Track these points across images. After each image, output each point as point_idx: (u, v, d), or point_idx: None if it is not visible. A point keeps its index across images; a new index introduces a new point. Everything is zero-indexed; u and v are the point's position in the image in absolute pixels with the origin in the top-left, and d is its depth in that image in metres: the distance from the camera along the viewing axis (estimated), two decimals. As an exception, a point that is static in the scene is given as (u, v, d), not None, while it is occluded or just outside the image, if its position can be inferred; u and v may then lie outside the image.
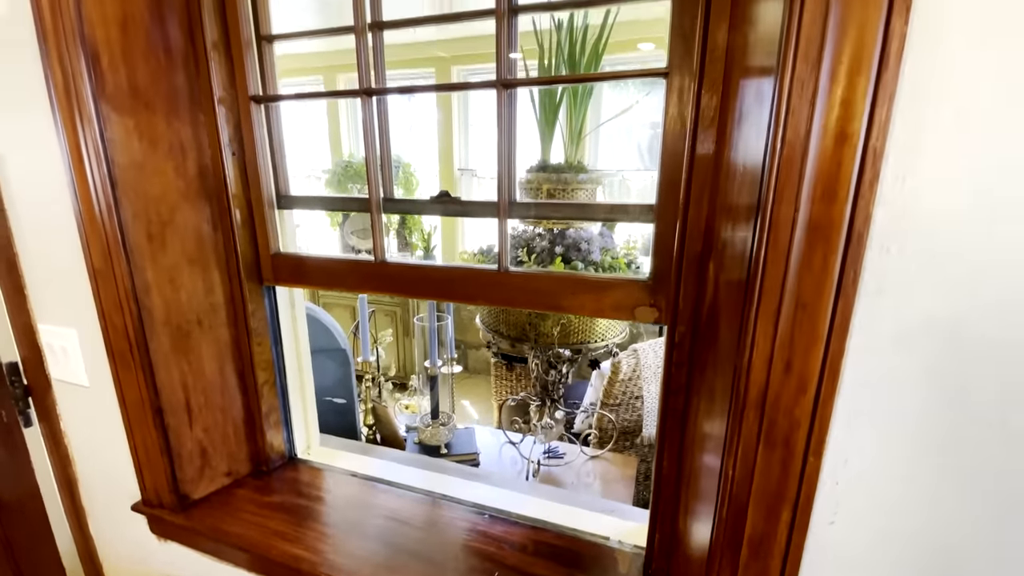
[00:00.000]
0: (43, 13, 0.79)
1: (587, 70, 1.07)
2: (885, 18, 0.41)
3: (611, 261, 1.15)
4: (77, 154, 0.83)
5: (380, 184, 0.93)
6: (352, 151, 4.27)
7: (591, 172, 1.19)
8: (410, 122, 4.35)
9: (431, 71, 3.81)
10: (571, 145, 1.20)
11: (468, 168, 4.17)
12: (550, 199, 1.15)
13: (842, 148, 0.45)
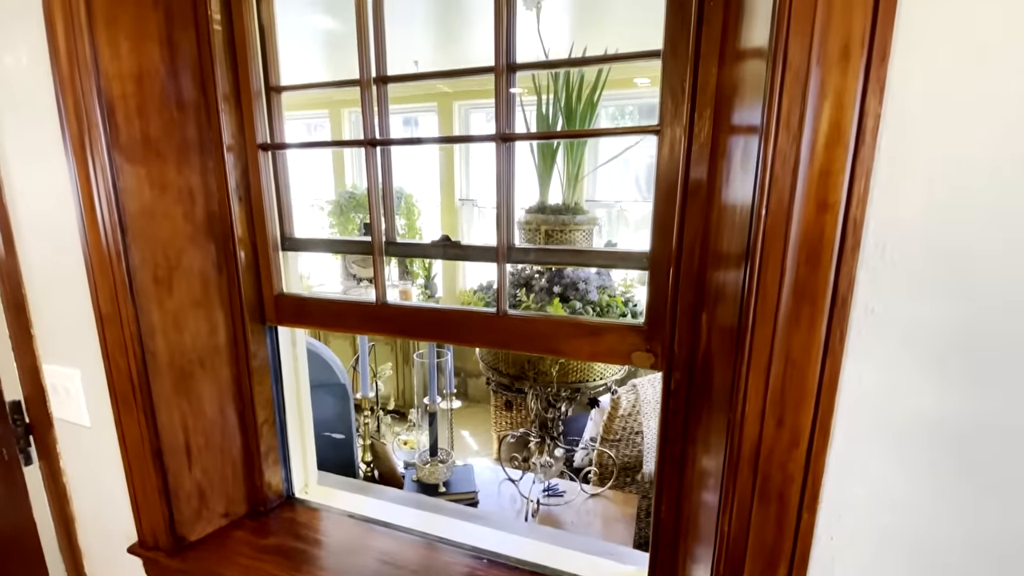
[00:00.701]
0: (61, 66, 0.82)
1: (583, 118, 1.11)
2: (860, 97, 0.44)
3: (609, 299, 1.16)
4: (89, 202, 0.86)
5: (383, 228, 0.96)
6: (355, 182, 4.34)
7: (588, 213, 1.22)
8: (412, 153, 4.43)
9: (433, 105, 3.91)
10: (568, 188, 1.24)
11: (469, 198, 4.23)
12: (548, 239, 1.18)
13: (824, 216, 0.47)
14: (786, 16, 0.44)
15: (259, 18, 0.97)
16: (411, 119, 4.23)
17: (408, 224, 4.00)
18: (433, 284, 3.96)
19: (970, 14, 0.41)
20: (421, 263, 3.87)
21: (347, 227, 3.95)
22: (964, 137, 0.43)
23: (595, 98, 1.09)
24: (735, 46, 0.64)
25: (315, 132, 4.67)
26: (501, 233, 0.87)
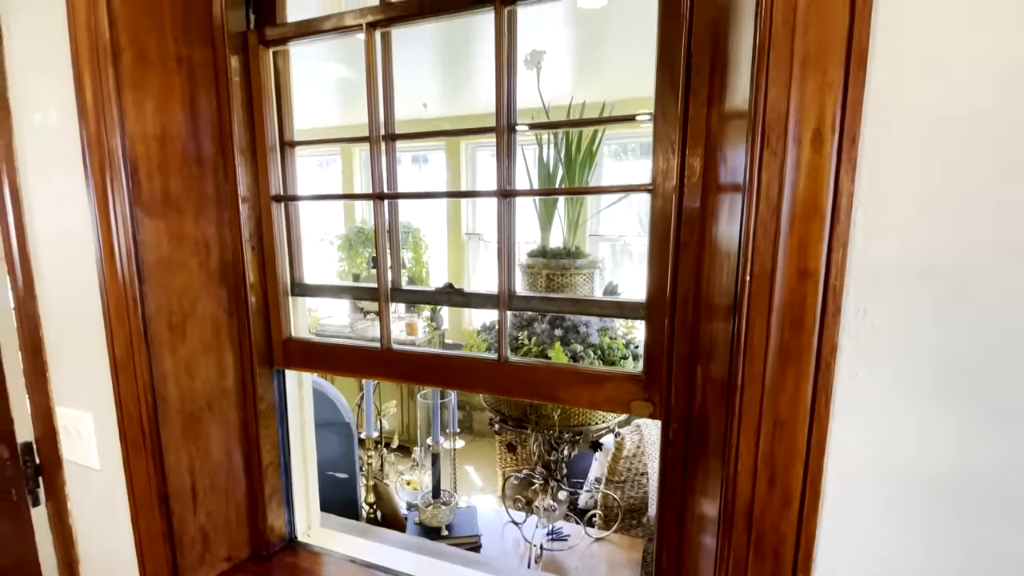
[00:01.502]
0: (89, 127, 0.88)
1: (582, 167, 1.16)
2: (834, 175, 0.47)
3: (610, 341, 1.18)
4: (109, 253, 0.90)
5: (388, 276, 0.99)
6: (364, 217, 4.43)
7: (588, 257, 1.25)
8: (420, 187, 4.53)
9: (440, 143, 4.03)
10: (569, 233, 1.27)
11: (475, 232, 4.30)
12: (549, 283, 1.21)
13: (805, 283, 0.49)
14: (762, 102, 0.48)
15: (276, 77, 1.03)
16: (420, 157, 4.34)
17: (415, 258, 4.06)
18: (439, 317, 3.99)
19: (933, 97, 0.44)
20: (427, 296, 3.91)
21: (356, 261, 4.02)
22: (932, 213, 0.46)
23: (593, 148, 1.14)
24: (721, 111, 0.68)
25: (326, 168, 4.81)
26: (502, 281, 0.90)
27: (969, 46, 0.43)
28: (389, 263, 0.99)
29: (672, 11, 0.70)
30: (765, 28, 0.47)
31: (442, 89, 3.26)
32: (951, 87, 0.44)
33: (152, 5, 0.87)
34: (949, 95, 0.44)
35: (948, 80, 0.44)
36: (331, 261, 4.20)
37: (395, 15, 0.87)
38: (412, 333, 3.84)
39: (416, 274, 4.05)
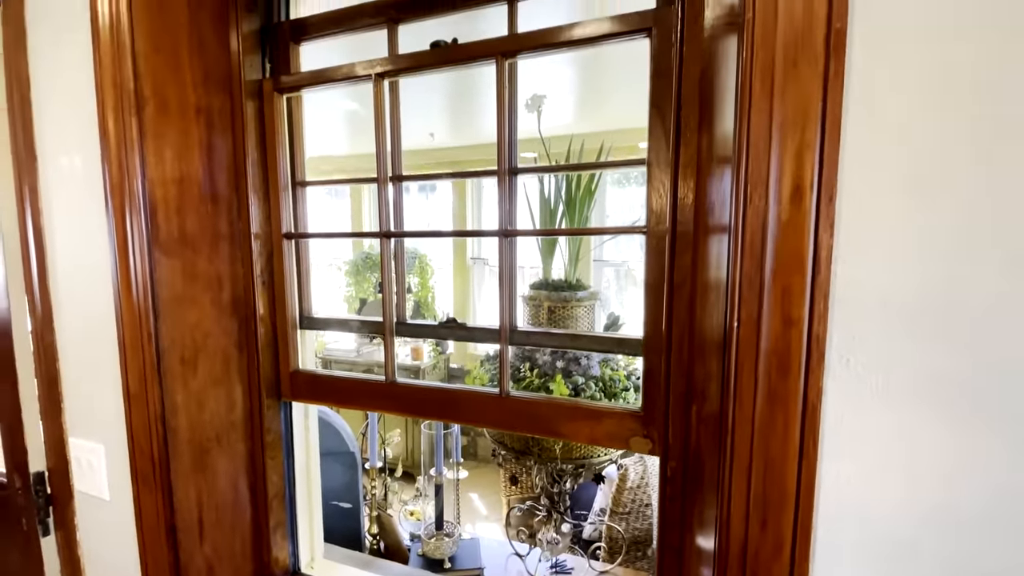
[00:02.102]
0: (112, 173, 0.92)
1: (582, 203, 1.19)
2: (814, 230, 0.50)
3: (611, 373, 1.20)
4: (127, 290, 0.94)
5: (394, 312, 1.02)
6: (372, 243, 4.50)
7: (589, 289, 1.28)
8: (427, 214, 4.61)
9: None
10: (570, 265, 1.30)
11: (480, 257, 4.35)
12: (551, 315, 1.23)
13: (790, 330, 0.51)
14: (745, 160, 0.51)
15: (289, 120, 1.08)
16: (427, 185, 4.43)
17: (421, 282, 4.10)
18: (444, 342, 4.01)
19: (903, 159, 0.47)
20: (433, 318, 3.94)
21: (363, 286, 4.07)
22: (908, 263, 0.48)
23: (593, 187, 1.18)
24: (710, 158, 0.71)
25: (335, 197, 4.90)
26: (504, 316, 0.92)
27: (933, 114, 0.46)
28: (395, 298, 1.02)
29: (662, 69, 0.74)
30: (746, 93, 0.51)
31: (448, 120, 3.35)
32: (919, 150, 0.47)
33: (174, 59, 0.93)
34: (918, 157, 0.47)
35: (915, 145, 0.47)
36: (339, 286, 4.25)
37: (403, 66, 0.92)
38: (417, 358, 3.85)
39: (422, 299, 4.09)
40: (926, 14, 0.46)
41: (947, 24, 0.45)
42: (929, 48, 0.46)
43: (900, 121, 0.47)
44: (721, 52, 0.68)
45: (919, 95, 0.46)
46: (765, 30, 0.49)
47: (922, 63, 0.46)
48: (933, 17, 0.46)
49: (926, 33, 0.46)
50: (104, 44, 0.89)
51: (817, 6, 0.48)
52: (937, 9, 0.45)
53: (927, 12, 0.46)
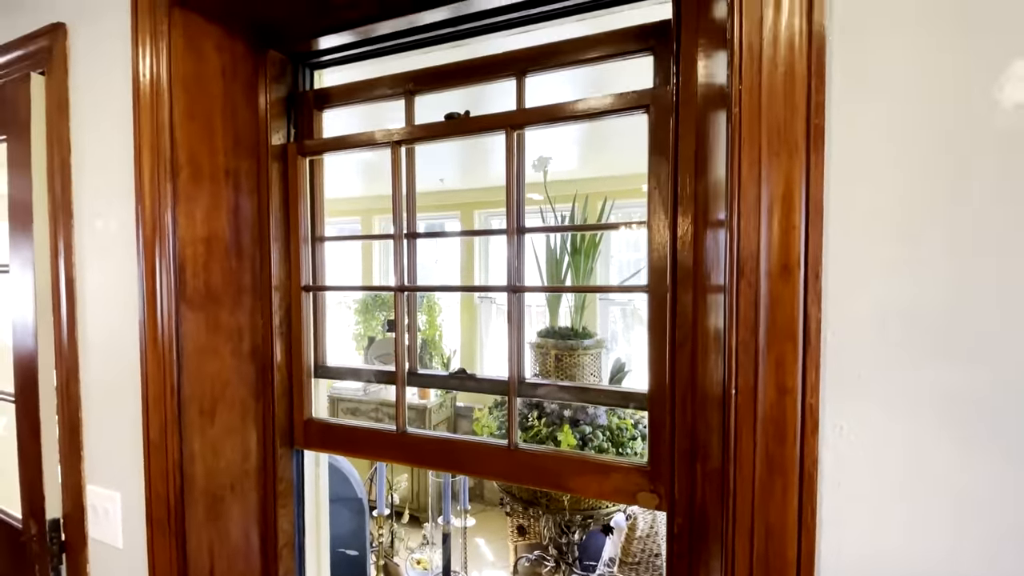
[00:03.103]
0: (146, 234, 0.98)
1: (587, 256, 1.24)
2: (803, 304, 0.53)
3: (618, 422, 1.21)
4: (153, 343, 0.98)
5: (406, 364, 1.05)
6: (382, 280, 4.58)
7: (595, 336, 1.31)
8: (436, 255, 4.69)
9: (456, 214, 4.22)
10: (576, 314, 1.34)
11: (488, 296, 4.39)
12: (558, 363, 1.26)
13: (784, 399, 0.54)
14: (736, 238, 0.55)
15: (310, 179, 1.15)
16: (436, 224, 4.54)
17: (429, 320, 4.14)
18: (452, 380, 4.01)
19: (880, 244, 0.51)
20: (440, 358, 3.95)
21: (371, 324, 4.11)
22: (891, 335, 0.51)
23: (597, 239, 1.23)
24: (705, 223, 0.76)
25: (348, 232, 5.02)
26: (512, 368, 0.95)
27: (909, 200, 0.50)
28: (407, 345, 1.05)
29: (659, 142, 0.79)
30: (735, 177, 0.55)
31: (458, 164, 3.47)
32: (895, 232, 0.51)
33: (208, 127, 1.00)
34: (895, 238, 0.51)
35: (892, 226, 0.51)
36: (348, 324, 4.30)
37: (419, 135, 0.99)
38: (424, 397, 3.85)
39: (429, 337, 4.12)
40: (901, 114, 0.51)
41: (917, 119, 0.50)
42: (903, 139, 0.51)
43: (877, 205, 0.51)
44: (713, 126, 0.74)
45: (893, 182, 0.51)
46: (751, 124, 0.54)
47: (895, 154, 0.51)
48: (904, 115, 0.50)
49: (901, 127, 0.51)
50: (144, 114, 0.96)
51: (798, 101, 0.53)
52: (905, 106, 0.50)
53: (900, 110, 0.51)
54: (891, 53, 0.51)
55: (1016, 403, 0.48)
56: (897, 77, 0.51)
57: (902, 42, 0.51)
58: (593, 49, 0.87)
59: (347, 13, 0.95)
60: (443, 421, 3.75)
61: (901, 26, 0.51)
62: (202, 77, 1.00)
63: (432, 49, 1.02)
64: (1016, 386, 0.48)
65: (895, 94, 0.51)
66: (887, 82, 0.51)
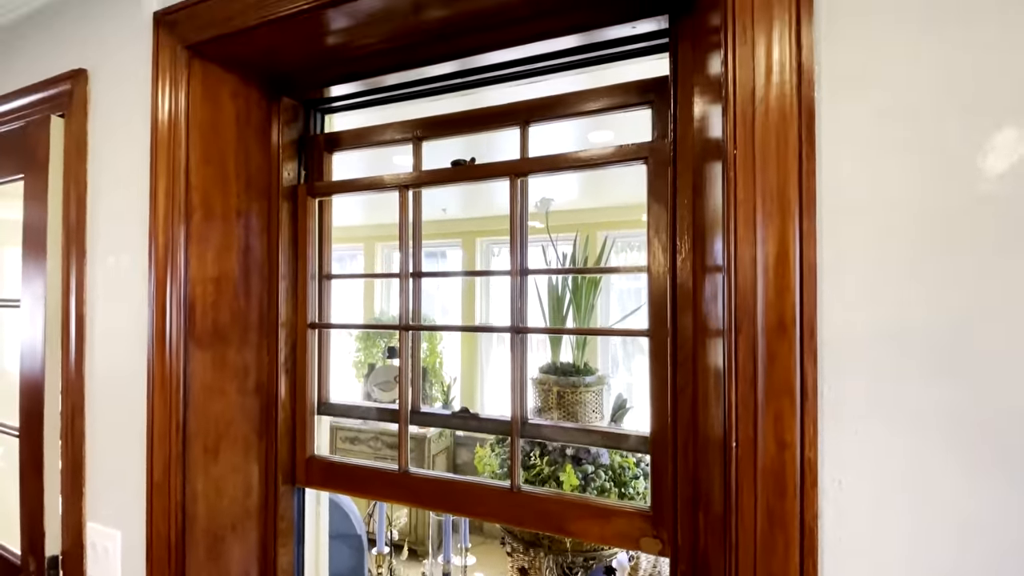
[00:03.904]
0: (158, 273, 1.00)
1: (588, 293, 1.26)
2: (799, 361, 0.55)
3: (621, 460, 1.21)
4: (161, 382, 0.99)
5: (409, 402, 1.06)
6: (383, 307, 4.60)
7: (597, 373, 1.32)
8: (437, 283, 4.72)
9: (458, 242, 4.27)
10: (578, 351, 1.35)
11: (488, 323, 4.40)
12: (560, 400, 1.27)
13: (784, 453, 0.55)
14: (733, 296, 0.57)
15: (320, 219, 1.18)
16: (437, 252, 4.58)
17: (430, 348, 4.14)
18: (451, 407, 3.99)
19: (873, 306, 0.53)
20: (440, 387, 3.94)
21: (372, 351, 4.11)
22: (885, 393, 0.53)
23: (598, 279, 1.25)
24: (703, 268, 0.78)
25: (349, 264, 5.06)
26: (515, 409, 0.96)
27: (895, 267, 0.52)
28: (410, 385, 1.06)
29: (658, 192, 0.82)
30: (731, 238, 0.58)
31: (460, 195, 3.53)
32: (883, 296, 0.53)
33: (222, 171, 1.04)
34: (884, 302, 0.53)
35: (880, 291, 0.53)
36: (348, 351, 4.30)
37: (425, 180, 1.02)
38: (423, 426, 3.82)
39: (430, 364, 4.12)
40: (888, 180, 0.53)
41: (904, 187, 0.53)
42: (890, 204, 0.53)
43: (867, 266, 0.54)
44: (710, 178, 0.76)
45: (882, 244, 0.53)
46: (746, 187, 0.57)
47: (884, 217, 0.53)
48: (891, 181, 0.53)
49: (889, 193, 0.53)
50: (161, 159, 1.00)
51: (790, 167, 0.56)
52: (891, 173, 0.53)
53: (888, 177, 0.53)
54: (878, 124, 0.54)
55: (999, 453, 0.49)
56: (884, 145, 0.54)
57: (890, 115, 0.54)
58: (594, 102, 0.91)
59: (358, 65, 1.00)
60: (442, 451, 3.71)
61: (888, 101, 0.54)
62: (218, 123, 1.03)
63: (440, 97, 1.07)
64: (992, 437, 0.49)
65: (882, 161, 0.54)
66: (875, 150, 0.54)
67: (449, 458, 3.82)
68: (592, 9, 0.80)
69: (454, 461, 3.82)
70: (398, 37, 0.91)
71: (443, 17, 0.84)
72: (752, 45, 0.58)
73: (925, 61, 0.53)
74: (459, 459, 3.81)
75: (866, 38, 0.55)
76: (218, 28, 0.93)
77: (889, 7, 0.54)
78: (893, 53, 0.54)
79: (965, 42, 0.51)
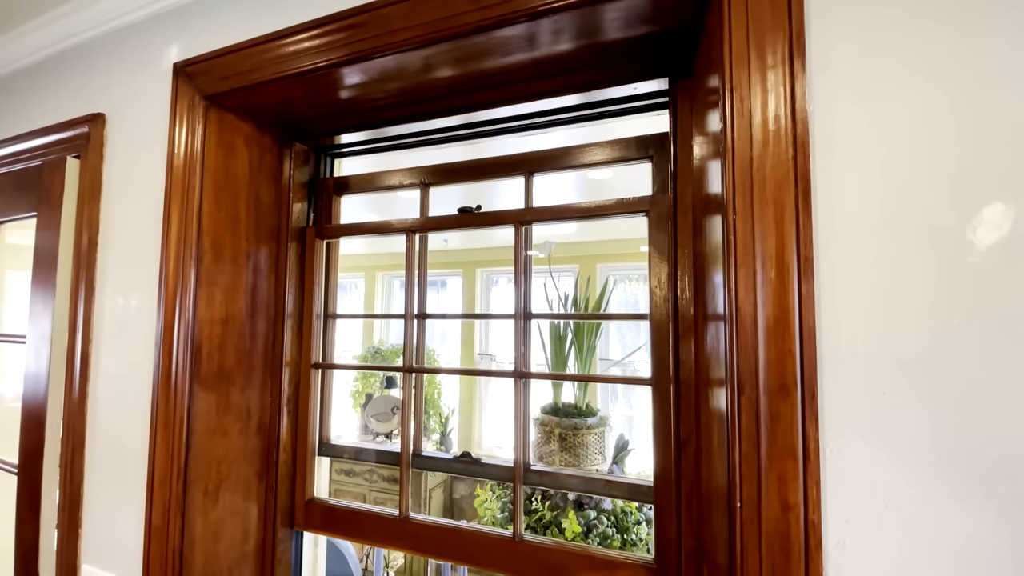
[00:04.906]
0: (167, 314, 1.02)
1: (589, 334, 1.28)
2: (801, 426, 0.56)
3: (623, 505, 1.20)
4: (164, 424, 0.99)
5: (411, 445, 1.06)
6: (382, 337, 4.60)
7: (598, 414, 1.32)
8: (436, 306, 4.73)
9: (458, 271, 4.30)
10: (580, 392, 1.36)
11: (487, 353, 4.40)
12: (562, 442, 1.27)
13: (788, 515, 0.56)
14: (735, 359, 0.59)
15: (327, 258, 1.20)
16: (438, 281, 4.61)
17: (428, 379, 4.11)
18: (448, 440, 3.95)
19: (873, 362, 0.55)
20: (438, 418, 3.90)
21: (369, 380, 4.09)
22: (882, 456, 0.54)
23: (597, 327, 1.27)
24: (704, 317, 0.79)
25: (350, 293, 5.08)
26: (518, 454, 0.96)
27: (890, 330, 0.54)
28: (412, 428, 1.06)
29: (659, 244, 0.84)
30: (732, 296, 0.60)
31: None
32: (879, 358, 0.54)
33: (233, 216, 1.06)
34: (880, 365, 0.54)
35: (875, 354, 0.54)
36: (346, 380, 4.27)
37: (432, 226, 1.04)
38: (422, 457, 3.77)
39: (429, 395, 4.09)
40: (883, 252, 0.56)
41: (898, 262, 0.55)
42: (881, 274, 0.55)
43: (866, 333, 0.55)
44: (710, 231, 0.79)
45: (876, 311, 0.55)
46: (745, 250, 0.59)
47: (879, 285, 0.55)
48: (885, 255, 0.55)
49: (883, 263, 0.55)
50: (175, 203, 1.02)
51: (787, 234, 0.58)
52: (884, 245, 0.55)
53: (881, 249, 0.56)
54: (871, 198, 0.56)
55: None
56: (878, 220, 0.56)
57: (882, 190, 0.56)
58: (596, 155, 0.94)
59: (369, 116, 1.04)
60: (439, 485, 3.65)
61: (881, 176, 0.56)
62: (231, 169, 1.06)
63: (446, 146, 1.10)
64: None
65: (875, 227, 0.56)
66: (870, 223, 0.56)
67: (446, 492, 3.76)
68: (595, 71, 0.84)
69: (451, 495, 3.75)
70: (408, 92, 0.94)
71: (452, 76, 0.88)
72: (749, 115, 0.61)
73: (914, 128, 0.55)
74: (456, 493, 3.75)
75: (860, 104, 0.58)
76: (237, 81, 0.96)
77: (881, 71, 0.57)
78: (886, 119, 0.57)
79: (956, 124, 0.54)
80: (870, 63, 0.57)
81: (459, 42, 0.78)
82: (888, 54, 0.57)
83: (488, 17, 0.73)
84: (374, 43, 0.82)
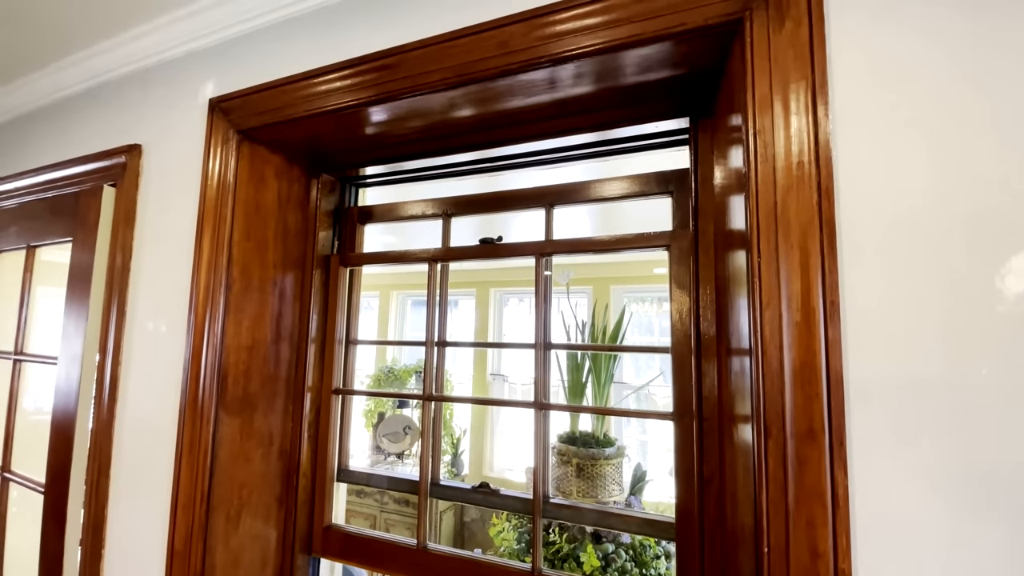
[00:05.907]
0: (196, 341, 1.04)
1: (607, 361, 1.28)
2: (830, 470, 0.56)
3: (642, 539, 1.18)
4: (189, 449, 1.01)
5: (429, 474, 1.07)
6: (395, 356, 4.62)
7: (615, 444, 1.32)
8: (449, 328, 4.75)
9: (472, 290, 4.33)
10: (597, 422, 1.36)
11: (500, 373, 4.39)
12: (579, 472, 1.26)
13: (817, 563, 0.55)
14: (762, 402, 0.59)
15: (349, 285, 1.22)
16: (451, 301, 4.64)
17: (441, 398, 4.11)
18: (460, 461, 3.92)
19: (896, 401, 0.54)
20: (449, 439, 3.89)
21: (382, 400, 4.09)
22: (917, 500, 0.53)
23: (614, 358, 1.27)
24: (728, 351, 0.79)
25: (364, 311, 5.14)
26: (537, 487, 0.96)
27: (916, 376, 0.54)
28: (431, 458, 1.07)
29: (680, 279, 0.85)
30: (757, 338, 0.60)
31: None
32: (903, 405, 0.54)
33: (261, 246, 1.09)
34: (901, 411, 0.54)
35: (901, 400, 0.54)
36: (359, 400, 4.28)
37: (453, 256, 1.06)
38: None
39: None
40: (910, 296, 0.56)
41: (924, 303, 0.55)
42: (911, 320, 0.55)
43: (894, 377, 0.55)
44: (733, 267, 0.79)
45: (903, 355, 0.55)
46: (770, 295, 0.59)
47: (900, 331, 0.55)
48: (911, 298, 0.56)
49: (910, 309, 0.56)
50: (207, 233, 1.06)
51: (812, 278, 0.58)
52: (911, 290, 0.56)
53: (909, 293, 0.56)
54: (897, 245, 0.57)
55: (1049, 585, 0.49)
56: (905, 263, 0.56)
57: (906, 238, 0.57)
58: (616, 189, 0.96)
59: (393, 150, 1.07)
60: (450, 508, 3.62)
61: (906, 224, 0.57)
62: (261, 201, 1.10)
63: (467, 178, 1.13)
64: (1046, 567, 0.49)
65: (901, 271, 0.56)
66: (893, 262, 0.57)
67: (456, 515, 3.72)
68: (617, 111, 0.86)
69: (461, 519, 3.71)
70: (432, 129, 0.97)
71: (475, 115, 0.91)
72: (772, 160, 0.62)
73: (937, 174, 0.56)
74: (467, 516, 3.71)
75: (882, 148, 0.58)
76: (270, 116, 1.00)
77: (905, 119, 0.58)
78: (910, 165, 0.57)
79: (975, 170, 0.55)
80: (892, 107, 0.58)
81: (484, 84, 0.81)
82: (913, 103, 0.58)
83: (514, 62, 0.76)
84: (403, 84, 0.85)
